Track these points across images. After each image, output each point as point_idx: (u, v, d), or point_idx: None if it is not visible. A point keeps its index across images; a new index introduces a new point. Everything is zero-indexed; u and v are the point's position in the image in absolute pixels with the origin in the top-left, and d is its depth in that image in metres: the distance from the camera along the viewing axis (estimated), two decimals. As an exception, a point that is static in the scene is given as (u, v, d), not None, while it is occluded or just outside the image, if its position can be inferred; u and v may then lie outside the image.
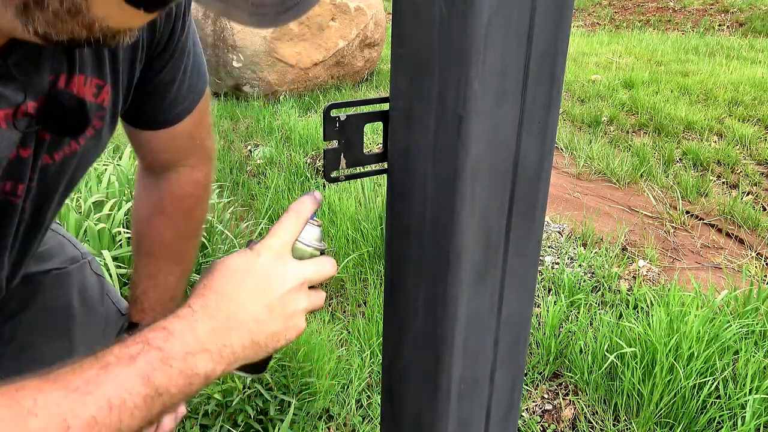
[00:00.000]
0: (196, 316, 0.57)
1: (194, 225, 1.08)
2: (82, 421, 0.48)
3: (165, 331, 0.55)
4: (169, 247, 1.05)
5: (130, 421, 0.51)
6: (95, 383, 0.50)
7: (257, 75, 5.40)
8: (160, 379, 0.53)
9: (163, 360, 0.53)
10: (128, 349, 0.53)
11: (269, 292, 0.60)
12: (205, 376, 0.56)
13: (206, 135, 1.02)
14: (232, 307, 0.58)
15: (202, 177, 1.04)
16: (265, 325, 0.59)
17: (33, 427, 0.47)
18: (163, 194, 1.03)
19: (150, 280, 1.04)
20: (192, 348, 0.55)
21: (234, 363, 0.58)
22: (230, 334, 0.57)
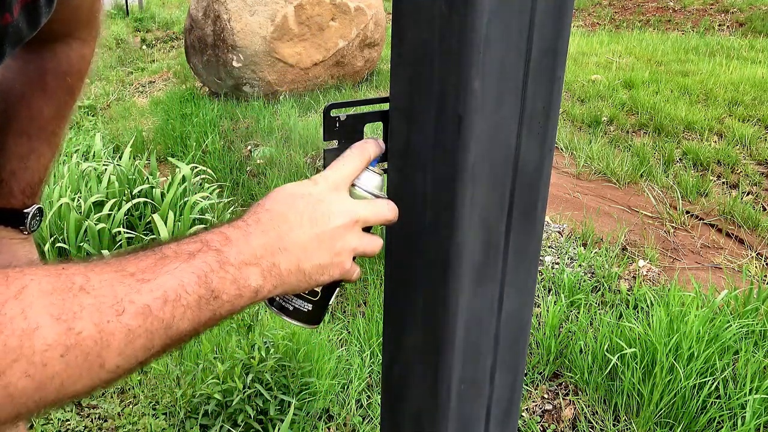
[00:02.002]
0: (250, 229, 0.55)
1: (72, 104, 1.01)
2: (136, 308, 0.46)
3: (222, 236, 0.53)
4: (46, 127, 0.98)
5: (180, 321, 0.48)
6: (152, 272, 0.48)
7: (257, 75, 5.40)
8: (216, 282, 0.50)
9: (221, 263, 0.51)
10: (186, 245, 0.51)
11: (320, 222, 0.58)
12: (254, 291, 0.54)
13: (101, 9, 0.97)
14: (284, 228, 0.56)
15: (89, 53, 0.98)
16: (313, 254, 0.58)
17: (86, 302, 0.43)
18: (44, 68, 0.95)
19: (20, 162, 0.97)
20: (247, 258, 0.53)
21: (278, 286, 0.56)
22: (279, 255, 0.56)
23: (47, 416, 2.07)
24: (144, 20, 10.35)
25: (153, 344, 0.47)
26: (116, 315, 0.45)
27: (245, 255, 0.53)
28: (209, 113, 5.08)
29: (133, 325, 0.45)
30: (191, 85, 6.29)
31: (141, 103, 6.05)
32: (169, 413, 2.08)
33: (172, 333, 0.48)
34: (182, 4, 11.99)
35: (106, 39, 8.79)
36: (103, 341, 0.44)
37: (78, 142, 4.50)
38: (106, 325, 0.44)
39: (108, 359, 0.45)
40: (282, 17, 5.31)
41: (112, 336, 0.44)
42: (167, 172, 3.87)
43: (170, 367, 2.22)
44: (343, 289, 2.76)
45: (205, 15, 5.46)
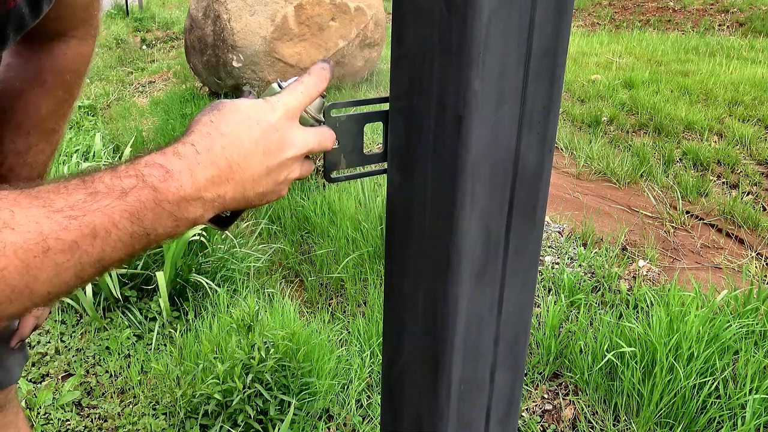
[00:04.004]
0: (199, 159, 0.53)
1: (71, 102, 1.02)
2: (63, 245, 0.46)
3: (162, 170, 0.51)
4: (44, 123, 0.99)
5: (112, 253, 0.49)
6: (81, 209, 0.47)
7: (257, 75, 5.40)
8: (150, 220, 0.50)
9: (157, 201, 0.50)
10: (120, 180, 0.50)
11: (273, 153, 0.58)
12: (192, 221, 0.54)
13: (98, 7, 0.98)
14: (236, 157, 0.55)
15: (87, 51, 0.99)
16: (258, 184, 0.57)
17: (9, 239, 0.44)
18: (43, 65, 0.96)
19: (19, 157, 0.98)
20: (188, 193, 0.52)
21: (219, 210, 0.56)
22: (227, 185, 0.55)
23: (47, 416, 2.07)
24: (144, 20, 10.35)
25: (84, 273, 0.48)
26: (42, 252, 0.45)
27: (187, 189, 0.52)
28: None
29: (60, 260, 0.46)
30: (191, 85, 6.29)
31: (141, 103, 6.05)
32: (169, 413, 2.08)
33: (105, 263, 0.49)
34: (182, 4, 11.99)
35: (106, 39, 8.79)
36: (30, 275, 0.45)
37: (78, 142, 4.50)
38: (32, 261, 0.45)
39: (37, 288, 0.46)
40: (282, 17, 5.31)
41: (39, 270, 0.45)
42: (167, 172, 3.86)
43: (170, 367, 2.22)
44: (343, 289, 2.76)
45: (205, 15, 5.46)
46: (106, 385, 2.24)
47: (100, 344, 2.44)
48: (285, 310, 2.36)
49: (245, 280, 2.79)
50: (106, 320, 2.55)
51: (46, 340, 2.46)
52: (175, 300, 2.60)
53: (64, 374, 2.31)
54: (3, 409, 1.16)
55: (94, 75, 7.09)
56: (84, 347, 2.44)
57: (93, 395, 2.21)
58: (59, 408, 2.11)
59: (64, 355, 2.39)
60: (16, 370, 1.13)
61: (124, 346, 2.42)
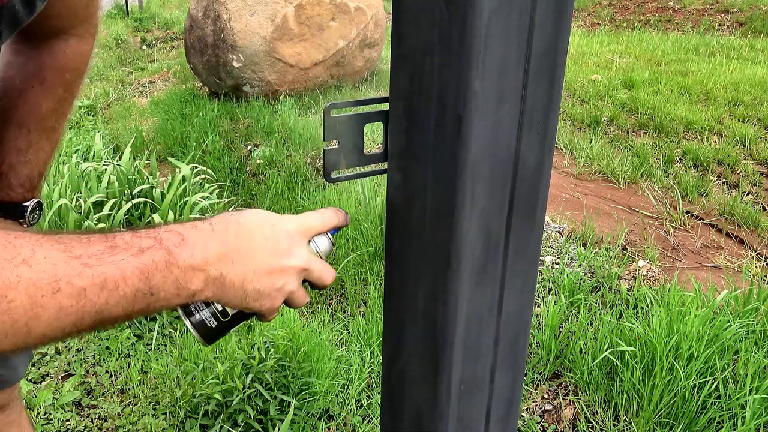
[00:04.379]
0: (214, 236, 0.57)
1: (71, 100, 1.04)
2: (72, 289, 0.48)
3: (179, 237, 0.55)
4: (44, 121, 1.00)
5: (113, 308, 0.51)
6: (98, 259, 0.50)
7: (257, 75, 5.40)
8: (157, 280, 0.53)
9: (168, 264, 0.53)
10: (140, 240, 0.53)
11: (279, 255, 0.61)
12: (192, 294, 0.56)
13: (98, 7, 0.99)
14: (245, 244, 0.58)
15: (87, 50, 1.00)
16: (259, 279, 0.60)
17: (24, 275, 0.46)
18: (43, 63, 0.97)
19: (20, 155, 0.99)
20: (196, 263, 0.55)
21: (216, 295, 0.58)
22: (231, 267, 0.57)
23: (47, 416, 2.07)
24: (144, 20, 10.35)
25: (83, 323, 0.50)
26: (51, 292, 0.47)
27: (196, 260, 0.55)
28: (209, 113, 5.09)
29: (65, 303, 0.48)
30: (191, 85, 6.29)
31: (141, 103, 6.05)
32: (169, 413, 2.08)
33: (104, 316, 0.51)
34: (182, 4, 11.99)
35: (106, 39, 8.79)
36: (34, 313, 0.47)
37: (78, 142, 4.50)
38: (39, 299, 0.47)
39: (35, 329, 0.47)
40: (282, 17, 5.31)
41: (43, 310, 0.47)
42: (167, 172, 3.87)
43: (170, 367, 2.22)
44: (343, 289, 2.76)
45: (205, 15, 5.46)
46: (106, 385, 2.25)
47: (100, 344, 2.44)
48: (285, 310, 2.36)
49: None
50: (106, 320, 2.55)
51: (46, 340, 2.46)
52: (175, 300, 2.60)
53: (64, 374, 2.31)
54: (7, 408, 1.16)
55: (94, 75, 7.09)
56: (84, 347, 2.44)
57: (93, 395, 2.21)
58: (59, 408, 2.11)
59: (64, 355, 2.39)
60: (21, 368, 1.14)
61: (124, 346, 2.42)
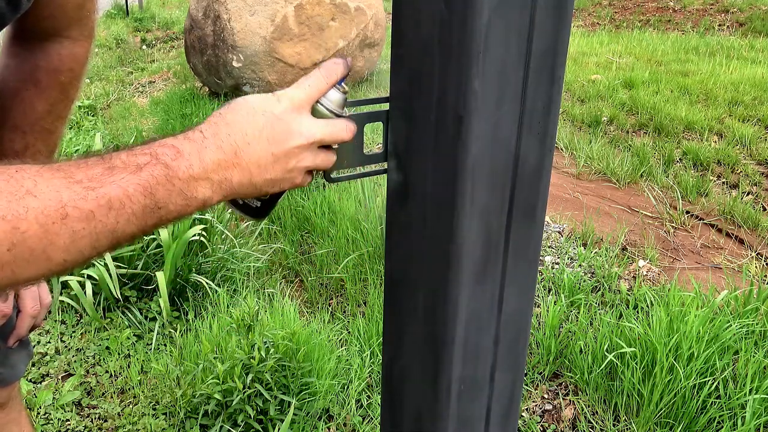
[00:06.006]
0: (206, 143, 0.57)
1: (67, 103, 1.04)
2: (80, 213, 0.49)
3: (174, 150, 0.55)
4: (40, 123, 1.00)
5: (125, 226, 0.52)
6: (99, 181, 0.51)
7: (257, 75, 5.40)
8: (161, 194, 0.53)
9: (168, 177, 0.54)
10: (136, 157, 0.54)
11: (278, 141, 0.60)
12: (202, 202, 0.57)
13: (93, 9, 0.99)
14: (240, 143, 0.58)
15: (82, 52, 1.00)
16: (266, 171, 0.60)
17: (31, 205, 0.47)
18: (38, 65, 0.97)
19: (16, 157, 0.98)
20: (196, 173, 0.55)
21: (228, 195, 0.59)
22: (233, 170, 0.58)
23: (47, 416, 2.07)
24: (144, 20, 10.34)
25: (99, 243, 0.51)
26: (61, 218, 0.48)
27: (195, 169, 0.56)
28: (209, 113, 5.06)
29: (77, 227, 0.49)
30: (191, 85, 6.29)
31: (141, 103, 6.05)
32: (169, 413, 2.08)
33: (118, 235, 0.52)
34: (182, 4, 11.99)
35: (106, 39, 8.79)
36: (48, 240, 0.48)
37: (78, 142, 4.50)
38: (51, 227, 0.48)
39: (54, 254, 0.49)
40: (282, 17, 5.31)
41: (56, 236, 0.48)
42: (167, 172, 3.86)
43: (170, 367, 2.22)
44: (343, 289, 2.76)
45: (205, 15, 5.46)
46: (106, 385, 2.24)
47: (100, 344, 2.44)
48: (285, 310, 2.36)
49: (245, 280, 2.79)
50: (106, 320, 2.55)
51: (46, 340, 2.46)
52: (175, 300, 2.60)
53: (64, 374, 2.31)
54: (6, 406, 1.16)
55: (94, 75, 7.09)
56: (84, 347, 2.44)
57: (93, 395, 2.21)
58: (59, 408, 2.11)
59: (64, 355, 2.39)
60: (21, 367, 1.14)
61: (124, 346, 2.42)
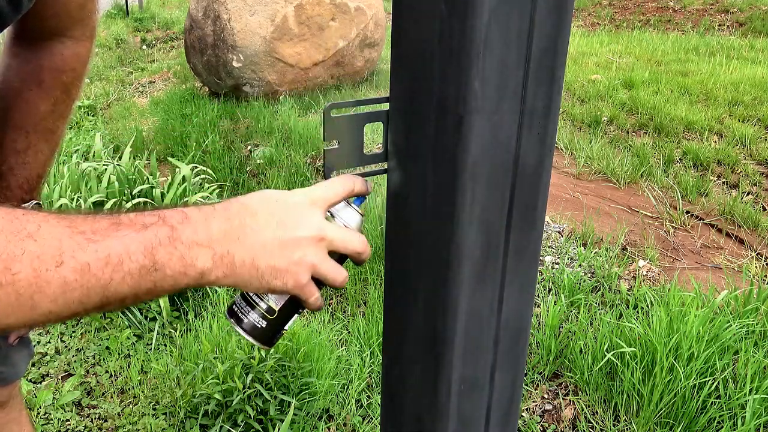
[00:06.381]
0: (215, 214, 0.57)
1: (69, 103, 1.04)
2: (76, 263, 0.48)
3: (182, 215, 0.55)
4: (42, 122, 1.01)
5: (119, 285, 0.50)
6: (102, 234, 0.50)
7: (257, 75, 5.40)
8: (161, 256, 0.52)
9: (171, 239, 0.53)
10: (143, 217, 0.53)
11: (287, 227, 0.59)
12: (200, 272, 0.55)
13: (95, 9, 1.00)
14: (249, 221, 0.58)
15: (84, 52, 1.01)
16: (271, 255, 0.58)
17: (29, 248, 0.46)
18: (41, 65, 0.98)
19: (18, 157, 1.00)
20: (200, 239, 0.54)
21: (229, 276, 0.57)
22: (236, 244, 0.57)
23: (47, 416, 2.07)
24: (144, 20, 10.34)
25: (89, 299, 0.49)
26: (55, 266, 0.47)
27: (199, 236, 0.54)
28: (209, 113, 5.08)
29: (70, 278, 0.48)
30: (191, 85, 6.29)
31: (141, 103, 6.05)
32: (169, 413, 2.08)
33: (110, 293, 0.50)
34: (182, 4, 11.99)
35: (106, 39, 8.79)
36: (38, 287, 0.47)
37: (78, 142, 4.50)
38: (43, 273, 0.47)
39: (40, 303, 0.47)
40: (282, 17, 5.31)
41: (47, 284, 0.47)
42: (167, 172, 3.87)
43: (170, 367, 2.22)
44: (343, 289, 2.76)
45: (205, 15, 5.46)
46: (106, 385, 2.24)
47: (100, 344, 2.44)
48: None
49: (245, 280, 2.79)
50: (106, 320, 2.55)
51: (46, 340, 2.46)
52: (175, 300, 2.60)
53: (64, 374, 2.31)
54: (7, 405, 1.16)
55: (94, 75, 7.09)
56: (84, 347, 2.44)
57: (93, 395, 2.21)
58: (59, 408, 2.11)
59: (64, 355, 2.39)
60: (22, 366, 1.14)
61: (124, 346, 2.42)
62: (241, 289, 0.60)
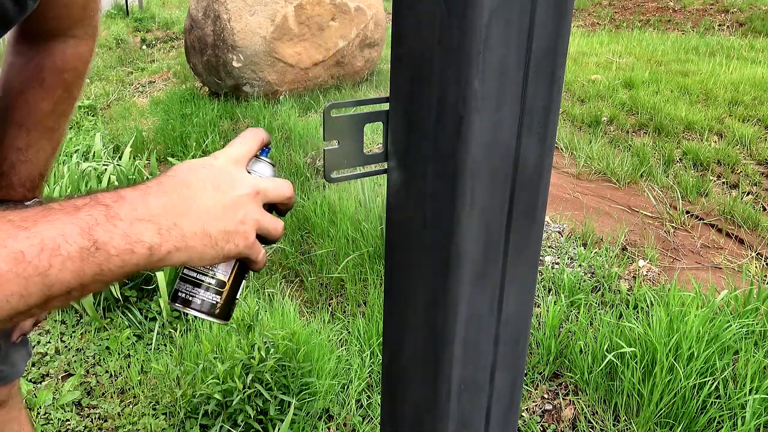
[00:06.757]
0: (150, 191, 0.55)
1: (71, 102, 1.05)
2: (8, 252, 0.45)
3: (116, 194, 0.53)
4: (44, 121, 1.01)
5: (59, 271, 0.47)
6: (32, 221, 0.47)
7: (257, 75, 5.40)
8: (101, 234, 0.49)
9: (108, 217, 0.50)
10: (74, 200, 0.51)
11: (222, 190, 0.59)
12: (149, 249, 0.52)
13: (97, 8, 1.00)
14: (186, 192, 0.56)
15: (86, 51, 1.02)
16: (217, 219, 0.57)
17: None
18: (43, 64, 0.99)
19: (20, 154, 1.00)
20: (141, 215, 0.52)
21: (182, 249, 0.55)
22: (182, 217, 0.55)
23: (47, 416, 2.07)
24: (144, 20, 10.34)
25: (29, 291, 0.46)
26: None
27: (139, 212, 0.52)
28: (209, 113, 5.09)
29: (3, 268, 0.45)
30: (191, 85, 6.29)
31: (141, 103, 6.05)
32: (169, 413, 2.08)
33: (51, 282, 0.47)
34: (182, 4, 11.99)
35: (106, 39, 8.79)
36: None
37: (78, 142, 4.50)
38: None
39: None
40: (282, 17, 5.31)
41: None
42: (167, 172, 3.87)
43: (170, 367, 2.22)
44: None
45: (205, 15, 5.46)
46: (106, 385, 2.24)
47: (100, 344, 2.44)
48: (285, 310, 2.36)
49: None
50: (106, 320, 2.55)
51: (46, 340, 2.46)
52: (175, 300, 2.60)
53: (64, 374, 2.31)
54: (7, 404, 1.16)
55: (94, 75, 7.09)
56: (84, 347, 2.44)
57: (93, 395, 2.21)
58: (59, 408, 2.11)
59: (64, 355, 2.39)
60: (21, 365, 1.14)
61: (124, 346, 2.42)
62: (195, 263, 0.58)
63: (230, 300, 0.66)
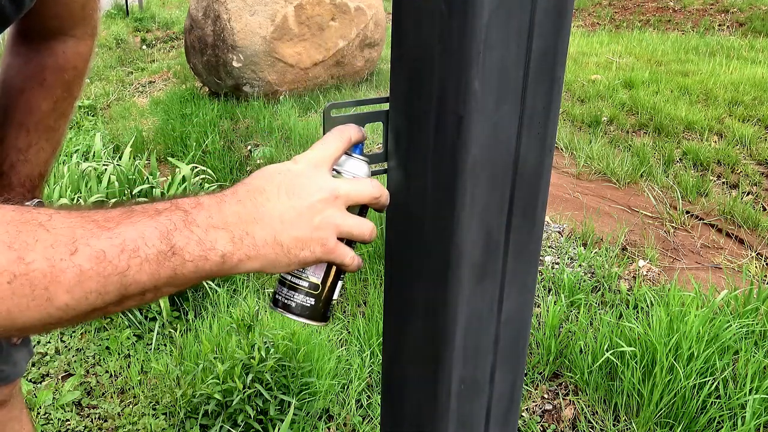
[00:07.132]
0: (225, 198, 0.55)
1: (71, 101, 1.05)
2: (90, 251, 0.46)
3: (195, 201, 0.54)
4: (44, 121, 1.01)
5: (137, 272, 0.48)
6: (115, 222, 0.49)
7: (257, 75, 5.40)
8: (178, 239, 0.51)
9: (186, 223, 0.52)
10: (155, 204, 0.52)
11: (298, 194, 0.57)
12: (221, 256, 0.53)
13: (96, 7, 1.01)
14: (260, 199, 0.56)
15: (86, 50, 1.02)
16: (291, 226, 0.57)
17: (41, 237, 0.45)
18: (43, 64, 0.99)
19: (20, 154, 1.01)
20: (216, 222, 0.53)
21: (253, 257, 0.55)
22: (254, 225, 0.55)
23: (47, 416, 2.07)
24: (144, 20, 10.34)
25: (107, 290, 0.48)
26: (69, 254, 0.46)
27: (215, 219, 0.53)
28: (209, 113, 5.08)
29: (85, 266, 0.46)
30: (191, 85, 6.29)
31: (141, 103, 6.05)
32: (169, 413, 2.08)
33: (128, 282, 0.48)
34: (182, 4, 11.99)
35: (106, 39, 8.79)
36: (53, 276, 0.45)
37: (78, 142, 4.50)
38: (57, 262, 0.45)
39: (57, 295, 0.45)
40: (282, 17, 5.31)
41: (62, 273, 0.45)
42: (167, 172, 3.87)
43: (170, 367, 2.22)
44: (344, 288, 2.76)
45: (205, 15, 5.46)
46: (106, 385, 2.24)
47: (100, 344, 2.44)
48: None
49: (245, 279, 2.79)
50: (106, 320, 2.55)
51: (46, 340, 2.46)
52: (175, 300, 2.60)
53: (64, 374, 2.31)
54: (8, 404, 1.16)
55: (94, 75, 7.09)
56: (84, 347, 2.44)
57: (93, 395, 2.21)
58: (59, 408, 2.11)
59: (64, 355, 2.39)
60: (22, 365, 1.15)
61: (124, 346, 2.42)
62: (268, 271, 0.58)
63: (326, 302, 0.65)
